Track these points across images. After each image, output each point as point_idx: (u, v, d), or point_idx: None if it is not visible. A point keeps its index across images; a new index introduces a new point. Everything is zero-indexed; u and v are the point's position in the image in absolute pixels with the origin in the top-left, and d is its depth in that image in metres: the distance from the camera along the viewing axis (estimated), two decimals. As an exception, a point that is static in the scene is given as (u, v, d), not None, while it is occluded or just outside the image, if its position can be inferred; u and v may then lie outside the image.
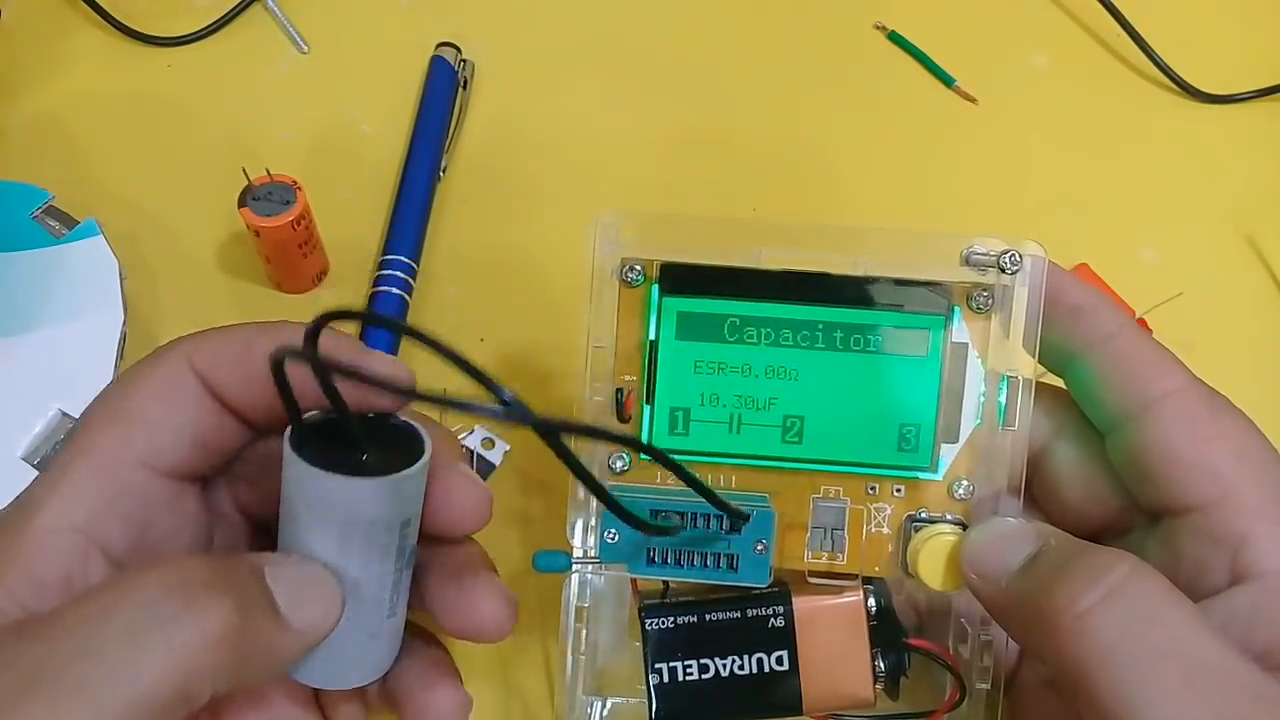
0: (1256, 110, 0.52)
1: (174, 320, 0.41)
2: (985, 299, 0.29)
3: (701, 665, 0.29)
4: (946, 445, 0.29)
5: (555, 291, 0.43)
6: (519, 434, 0.39)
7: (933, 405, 0.29)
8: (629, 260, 0.29)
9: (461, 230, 0.45)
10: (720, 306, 0.29)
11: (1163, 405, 0.28)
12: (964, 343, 0.29)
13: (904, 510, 0.30)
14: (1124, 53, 0.53)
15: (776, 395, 0.29)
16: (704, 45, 0.52)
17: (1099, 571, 0.24)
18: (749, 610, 0.29)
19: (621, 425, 0.30)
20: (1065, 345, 0.29)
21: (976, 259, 0.29)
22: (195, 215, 0.44)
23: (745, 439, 0.29)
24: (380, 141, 0.47)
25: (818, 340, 0.29)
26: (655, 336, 0.29)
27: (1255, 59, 0.53)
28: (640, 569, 0.29)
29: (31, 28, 0.50)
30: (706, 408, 0.29)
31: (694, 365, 0.29)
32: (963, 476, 0.30)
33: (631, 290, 0.29)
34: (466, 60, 0.50)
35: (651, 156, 0.48)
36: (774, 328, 0.29)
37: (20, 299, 0.37)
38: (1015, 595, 0.26)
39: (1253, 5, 0.56)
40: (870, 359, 0.29)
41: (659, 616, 0.30)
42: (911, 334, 0.29)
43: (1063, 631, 0.24)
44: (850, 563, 0.30)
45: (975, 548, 0.28)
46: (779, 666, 0.29)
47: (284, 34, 0.50)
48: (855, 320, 0.29)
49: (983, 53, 0.53)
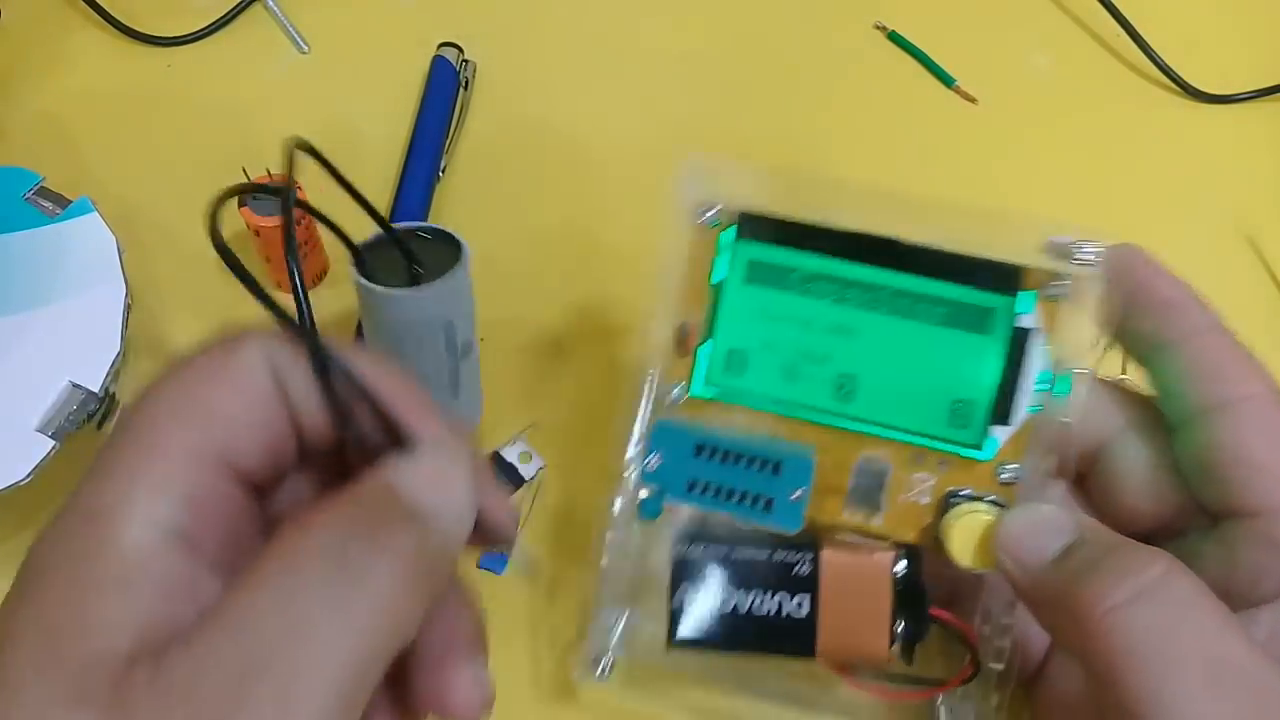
0: (1256, 110, 0.52)
1: (175, 320, 0.41)
2: (1061, 287, 0.29)
3: (723, 597, 0.31)
4: (998, 427, 0.29)
5: (555, 291, 0.44)
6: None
7: (990, 385, 0.29)
8: (708, 202, 0.30)
9: (462, 229, 0.46)
10: (791, 258, 0.29)
11: (1241, 407, 0.27)
12: (1032, 328, 0.29)
13: (946, 484, 0.30)
14: (1124, 53, 0.54)
15: (834, 352, 0.30)
16: (704, 45, 0.52)
17: (1134, 568, 0.25)
18: (777, 554, 0.30)
19: (680, 361, 0.30)
20: (1153, 337, 0.29)
21: (1057, 246, 0.29)
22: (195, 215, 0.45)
23: (798, 389, 0.30)
24: (380, 141, 0.47)
25: (883, 304, 0.29)
26: (724, 280, 0.30)
27: (1255, 59, 0.53)
28: (678, 496, 0.30)
29: (31, 27, 0.50)
30: (764, 354, 0.30)
31: (757, 312, 0.30)
32: (1010, 460, 0.30)
33: (707, 231, 0.30)
34: (468, 61, 0.50)
35: (652, 157, 0.47)
36: (841, 285, 0.29)
37: (22, 277, 0.37)
38: (1047, 584, 0.26)
39: (1252, 6, 0.56)
40: (934, 330, 0.29)
41: (689, 544, 0.31)
42: (980, 311, 0.29)
43: (1093, 625, 0.24)
44: (885, 526, 0.31)
45: (1011, 531, 0.28)
46: (799, 612, 0.30)
47: (284, 34, 0.50)
48: (924, 290, 0.29)
49: (983, 53, 0.53)
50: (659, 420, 0.30)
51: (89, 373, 0.32)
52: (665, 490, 0.30)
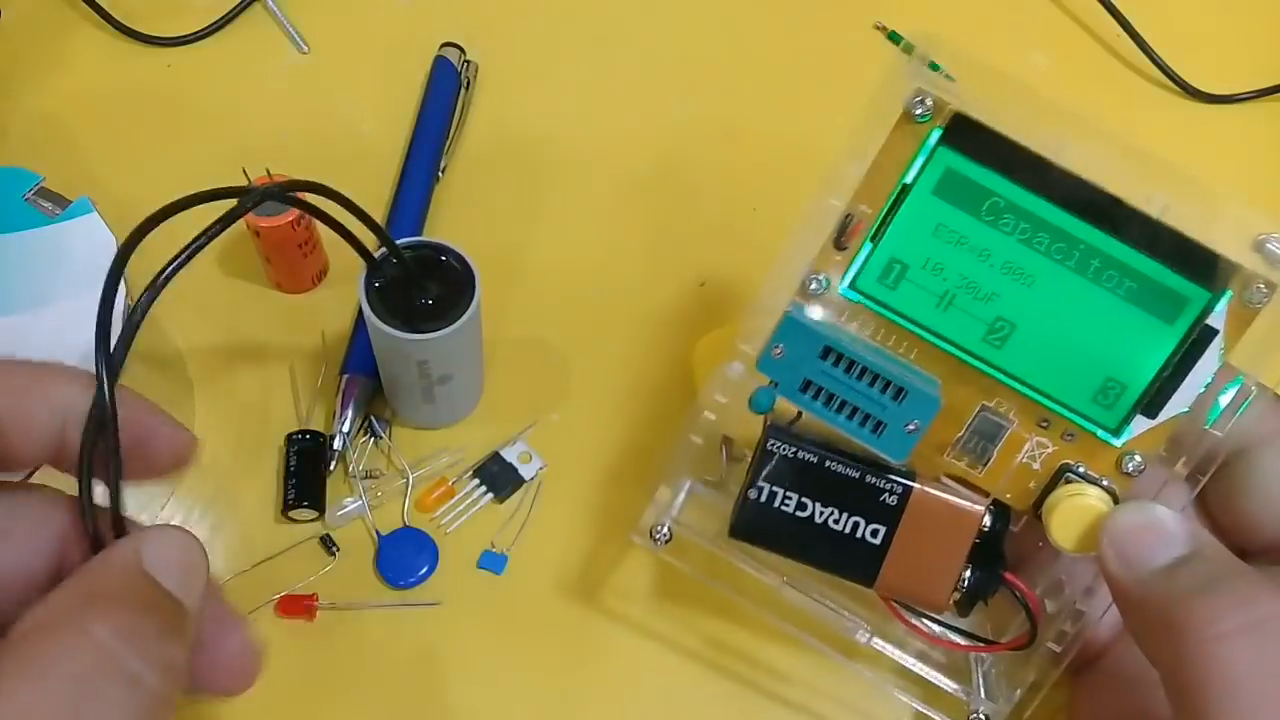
0: (1256, 110, 0.52)
1: (178, 321, 0.41)
2: (1262, 294, 0.26)
3: (800, 503, 0.29)
4: (1142, 418, 0.28)
5: (555, 291, 0.43)
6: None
7: (1151, 374, 0.27)
8: (925, 92, 0.26)
9: (460, 230, 0.44)
10: (992, 180, 0.27)
11: None
12: (1216, 329, 0.27)
13: (1064, 456, 0.28)
14: (1124, 53, 0.54)
15: (1001, 293, 0.27)
16: (704, 46, 0.51)
17: (1249, 597, 0.23)
18: (869, 477, 0.29)
19: (834, 252, 0.28)
20: None
21: (1270, 251, 0.26)
22: (196, 215, 0.45)
23: (948, 320, 0.28)
24: (380, 141, 0.47)
25: (1071, 258, 0.27)
26: (912, 181, 0.27)
27: (1255, 59, 0.53)
28: (791, 393, 0.28)
29: (31, 27, 0.49)
30: (926, 273, 0.28)
31: (935, 227, 0.27)
32: (1141, 450, 0.28)
33: (912, 125, 0.27)
34: (470, 61, 0.49)
35: (652, 158, 0.47)
36: (1034, 226, 0.27)
37: (22, 278, 0.37)
38: (1151, 591, 0.25)
39: (1252, 6, 0.56)
40: (1114, 300, 0.27)
41: (782, 441, 0.29)
42: (1173, 298, 0.26)
43: (1194, 648, 0.23)
44: (987, 479, 0.29)
45: (1122, 528, 0.27)
46: (872, 539, 0.29)
47: (284, 34, 0.49)
48: (1122, 257, 0.26)
49: (983, 52, 0.52)
50: (790, 314, 0.28)
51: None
52: (778, 384, 0.28)
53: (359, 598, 0.35)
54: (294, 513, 0.36)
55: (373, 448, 0.38)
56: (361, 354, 0.39)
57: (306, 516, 0.36)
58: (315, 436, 0.38)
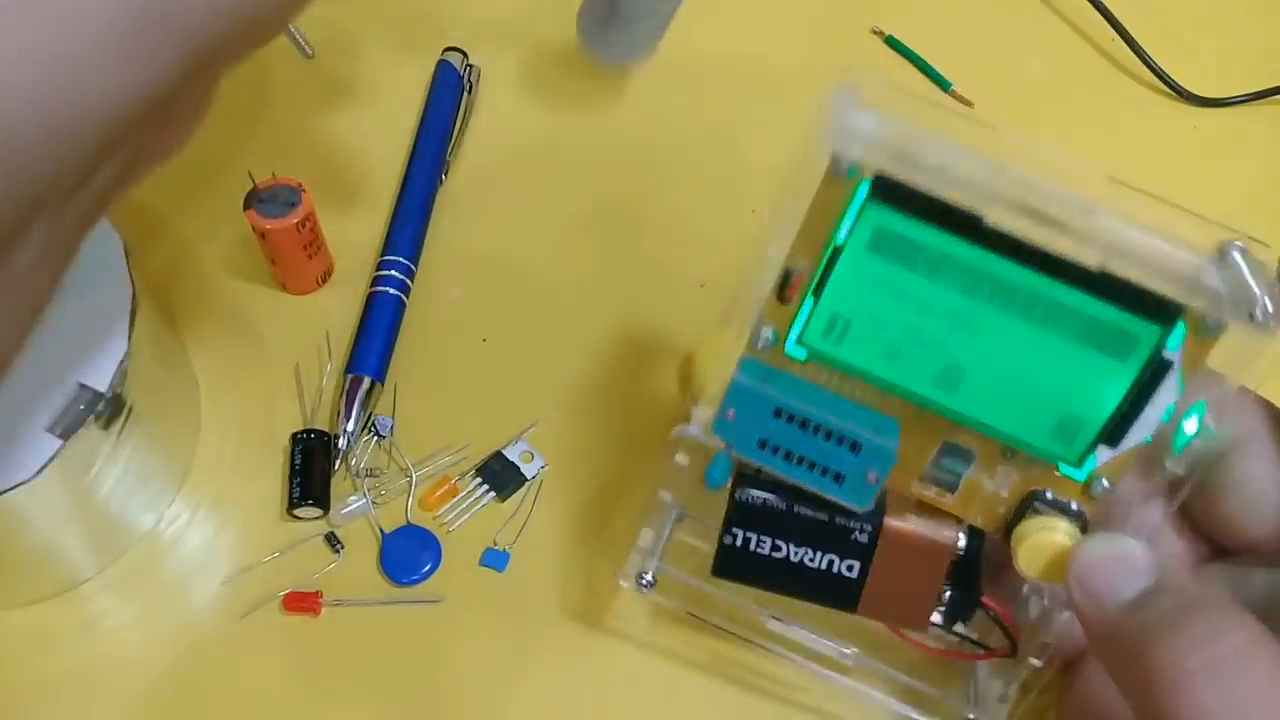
0: (1250, 114, 0.53)
1: (181, 321, 0.41)
2: (1217, 324, 0.25)
3: (774, 545, 0.30)
4: (1103, 447, 0.27)
5: (557, 293, 0.44)
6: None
7: (1108, 409, 0.27)
8: (850, 145, 0.25)
9: (464, 232, 0.45)
10: (926, 234, 0.26)
11: None
12: (1170, 361, 0.26)
13: (1030, 483, 0.28)
14: (1118, 57, 0.54)
15: (946, 341, 0.27)
16: (704, 50, 0.52)
17: (1215, 632, 0.23)
18: (838, 518, 0.29)
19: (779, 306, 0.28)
20: None
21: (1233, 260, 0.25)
22: (201, 218, 0.44)
23: (898, 368, 0.27)
24: (385, 144, 0.47)
25: (1014, 305, 0.26)
26: (843, 242, 0.26)
27: (1248, 63, 0.54)
28: (749, 452, 0.28)
29: None
30: (869, 327, 0.27)
31: (873, 283, 0.27)
32: (1106, 477, 0.28)
33: (839, 182, 0.26)
34: (473, 65, 0.50)
35: (652, 159, 0.48)
36: (972, 277, 0.26)
37: None
38: (1118, 627, 0.25)
39: (1246, 9, 0.57)
40: (1064, 343, 0.26)
41: (751, 488, 0.30)
42: (1123, 336, 0.26)
43: (1162, 684, 0.23)
44: (959, 506, 0.29)
45: (1087, 562, 0.27)
46: (848, 573, 0.30)
47: (288, 37, 0.47)
48: (1066, 299, 0.25)
49: (979, 57, 0.54)
50: (736, 379, 0.28)
51: (96, 374, 0.32)
52: (734, 445, 0.28)
53: (363, 594, 0.37)
54: (299, 511, 0.38)
55: (376, 447, 0.40)
56: (365, 354, 0.41)
57: (311, 514, 0.38)
58: (320, 435, 0.39)
